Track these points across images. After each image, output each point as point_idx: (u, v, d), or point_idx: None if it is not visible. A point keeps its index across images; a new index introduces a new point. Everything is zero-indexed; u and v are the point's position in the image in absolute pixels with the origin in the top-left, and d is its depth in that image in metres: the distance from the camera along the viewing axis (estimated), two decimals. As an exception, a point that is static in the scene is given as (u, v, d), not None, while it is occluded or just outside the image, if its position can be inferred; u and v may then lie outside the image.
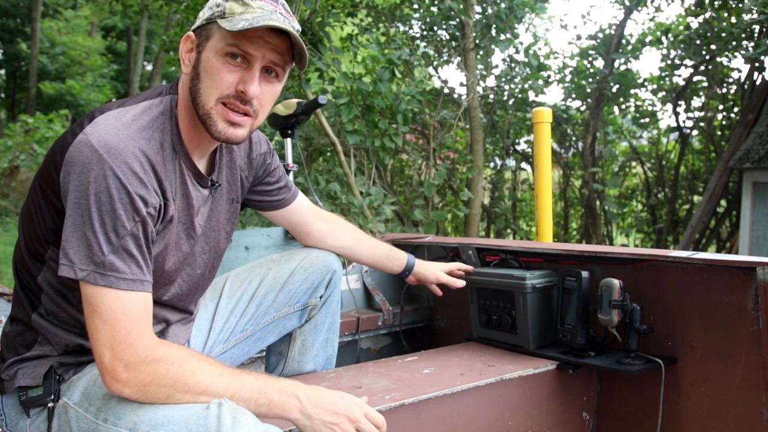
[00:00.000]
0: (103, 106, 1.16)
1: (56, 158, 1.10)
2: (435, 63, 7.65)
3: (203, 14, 1.19)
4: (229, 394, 1.08)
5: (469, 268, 1.93)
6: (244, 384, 1.10)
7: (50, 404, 1.15)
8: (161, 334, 1.32)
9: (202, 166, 1.28)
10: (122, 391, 1.05)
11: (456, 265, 1.91)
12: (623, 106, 9.02)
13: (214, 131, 1.18)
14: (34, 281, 1.18)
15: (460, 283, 1.85)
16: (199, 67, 1.17)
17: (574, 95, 8.77)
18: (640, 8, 8.47)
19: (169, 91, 1.23)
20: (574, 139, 9.03)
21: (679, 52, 8.06)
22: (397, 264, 1.80)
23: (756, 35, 7.23)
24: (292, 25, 1.17)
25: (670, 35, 8.21)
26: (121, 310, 1.04)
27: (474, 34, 6.56)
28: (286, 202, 1.61)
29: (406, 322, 2.36)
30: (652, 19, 8.75)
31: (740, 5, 7.19)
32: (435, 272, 1.84)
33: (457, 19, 6.65)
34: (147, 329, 1.07)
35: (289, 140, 2.40)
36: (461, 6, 6.31)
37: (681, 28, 8.44)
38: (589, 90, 8.48)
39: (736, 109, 8.20)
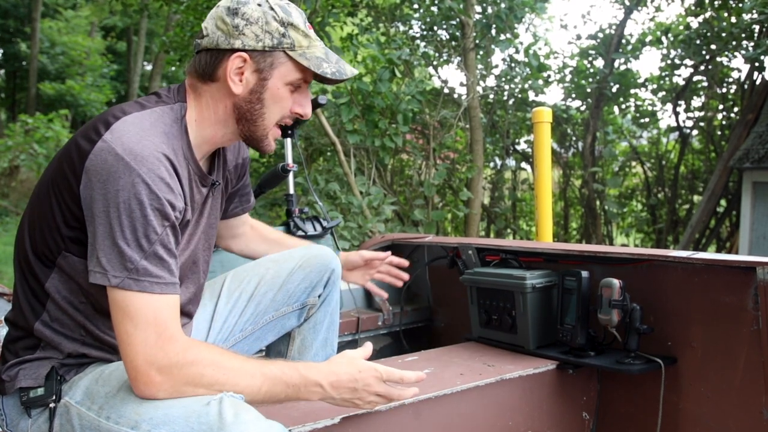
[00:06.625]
0: (113, 111, 1.15)
1: (74, 166, 1.10)
2: (435, 63, 7.65)
3: (260, 37, 1.19)
4: (262, 394, 1.12)
5: (403, 262, 1.83)
6: (274, 381, 1.14)
7: (51, 405, 1.15)
8: None
9: (203, 166, 1.30)
10: (156, 394, 1.06)
11: (381, 255, 1.82)
12: (623, 106, 9.04)
13: (267, 149, 1.29)
14: (41, 287, 1.18)
15: (383, 255, 1.80)
16: (263, 93, 1.22)
17: (574, 95, 8.78)
18: (640, 8, 8.47)
19: (177, 99, 1.24)
20: (574, 139, 9.03)
21: (679, 51, 8.07)
22: None
23: (756, 35, 7.23)
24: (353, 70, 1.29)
25: (670, 35, 8.22)
26: (152, 314, 1.06)
27: (474, 34, 6.56)
28: (245, 210, 1.64)
29: (406, 322, 2.36)
30: (652, 19, 8.77)
31: (740, 5, 7.20)
32: (356, 254, 1.80)
33: (457, 19, 6.65)
34: (177, 330, 1.08)
35: (289, 140, 2.39)
36: (461, 6, 6.31)
37: (681, 27, 8.45)
38: (589, 90, 8.49)
39: (736, 109, 8.21)
